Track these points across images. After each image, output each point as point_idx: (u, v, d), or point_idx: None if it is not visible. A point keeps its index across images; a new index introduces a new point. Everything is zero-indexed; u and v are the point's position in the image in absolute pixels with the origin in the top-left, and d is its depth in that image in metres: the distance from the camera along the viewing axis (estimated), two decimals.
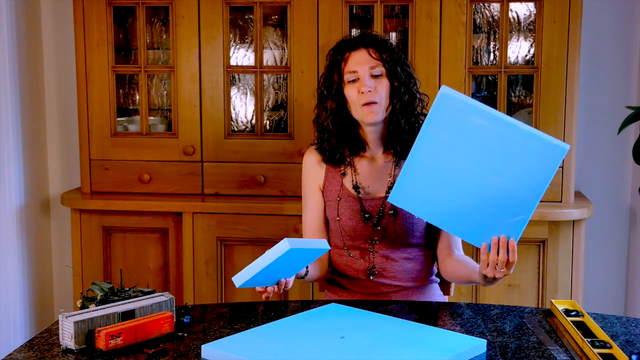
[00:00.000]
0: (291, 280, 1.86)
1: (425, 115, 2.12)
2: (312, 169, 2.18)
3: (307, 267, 1.97)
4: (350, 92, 2.04)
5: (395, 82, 2.04)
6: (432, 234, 2.15)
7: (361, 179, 2.12)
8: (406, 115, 2.07)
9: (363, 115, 2.04)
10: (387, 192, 2.09)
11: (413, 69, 2.13)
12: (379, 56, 2.04)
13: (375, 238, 2.10)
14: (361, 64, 2.03)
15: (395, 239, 2.09)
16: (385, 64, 2.04)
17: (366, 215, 2.09)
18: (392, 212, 2.07)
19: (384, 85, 2.03)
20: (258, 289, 1.81)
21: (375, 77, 2.03)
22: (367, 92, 2.00)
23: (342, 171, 2.14)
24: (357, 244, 2.12)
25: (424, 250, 2.15)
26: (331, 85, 2.07)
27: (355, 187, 2.11)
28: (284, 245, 1.64)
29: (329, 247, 1.80)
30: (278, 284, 1.82)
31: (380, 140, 2.11)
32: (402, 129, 2.07)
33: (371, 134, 2.10)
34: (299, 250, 1.70)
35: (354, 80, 2.03)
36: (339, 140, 2.11)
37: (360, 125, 2.10)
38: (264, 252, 1.70)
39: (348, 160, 2.13)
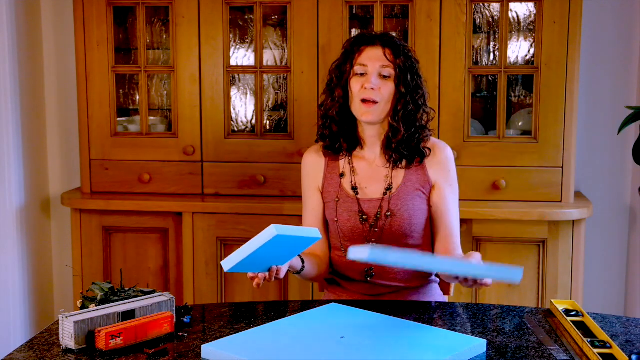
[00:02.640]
0: (283, 269, 1.81)
1: (427, 128, 2.10)
2: (311, 170, 2.18)
3: (302, 262, 1.96)
4: (354, 84, 2.04)
5: (402, 88, 2.03)
6: (431, 234, 2.14)
7: (360, 179, 2.12)
8: (407, 124, 2.06)
9: (359, 112, 2.04)
10: (385, 193, 2.09)
11: (425, 81, 2.12)
12: (393, 58, 2.03)
13: (373, 239, 2.09)
14: (373, 60, 2.03)
15: (392, 241, 2.08)
16: (397, 68, 2.03)
17: (364, 217, 2.08)
18: (389, 213, 2.07)
19: (388, 88, 2.03)
20: (249, 274, 1.77)
21: (383, 77, 2.03)
22: (369, 88, 2.01)
23: (341, 172, 2.13)
24: (355, 244, 2.10)
25: (423, 251, 2.14)
26: (342, 74, 2.07)
27: (354, 188, 2.11)
28: (270, 232, 1.62)
29: (320, 236, 1.75)
30: (269, 270, 1.78)
31: (378, 141, 2.11)
32: (401, 137, 2.06)
33: (369, 134, 2.10)
34: (287, 238, 1.66)
35: (361, 74, 2.04)
36: (340, 128, 2.10)
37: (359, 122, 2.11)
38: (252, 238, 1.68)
39: (346, 154, 2.13)
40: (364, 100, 2.02)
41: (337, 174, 2.14)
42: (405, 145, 2.06)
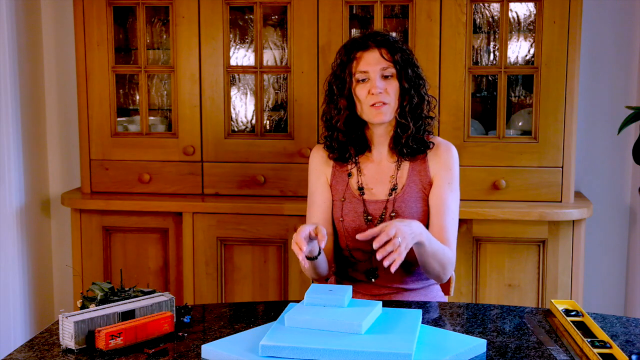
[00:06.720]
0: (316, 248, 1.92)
1: (432, 118, 2.12)
2: (320, 165, 2.17)
3: (320, 249, 1.97)
4: (360, 92, 2.04)
5: (405, 83, 2.04)
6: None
7: (366, 180, 2.12)
8: (414, 117, 2.07)
9: (371, 116, 2.04)
10: (390, 194, 2.08)
11: (421, 69, 2.12)
12: (390, 57, 2.03)
13: None
14: (372, 65, 2.03)
15: None
16: (397, 65, 2.03)
17: (369, 217, 2.08)
18: (393, 214, 2.07)
19: (394, 87, 2.03)
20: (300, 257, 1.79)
21: (385, 78, 2.03)
22: (377, 93, 2.01)
23: (349, 171, 2.13)
24: (359, 245, 2.11)
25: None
26: (343, 84, 2.06)
27: (360, 188, 2.11)
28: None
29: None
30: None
31: (386, 140, 2.11)
32: (410, 133, 2.06)
33: (378, 134, 2.10)
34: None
35: (364, 80, 2.03)
36: (348, 138, 2.10)
37: (367, 125, 2.11)
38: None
39: (354, 159, 2.13)
40: (373, 105, 2.02)
41: (345, 172, 2.14)
42: (413, 138, 2.07)
